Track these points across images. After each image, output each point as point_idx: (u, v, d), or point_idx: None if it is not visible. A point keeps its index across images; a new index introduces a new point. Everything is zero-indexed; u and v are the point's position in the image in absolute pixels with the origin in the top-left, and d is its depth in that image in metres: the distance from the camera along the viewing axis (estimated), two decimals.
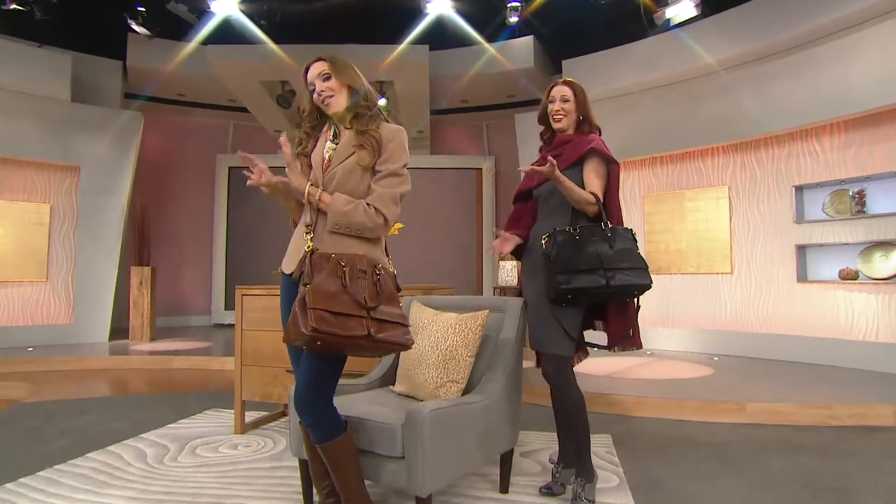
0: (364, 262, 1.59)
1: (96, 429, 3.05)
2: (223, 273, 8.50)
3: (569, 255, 1.93)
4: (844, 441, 2.83)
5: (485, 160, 8.65)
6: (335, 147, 1.71)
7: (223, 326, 8.27)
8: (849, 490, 2.19)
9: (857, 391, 3.62)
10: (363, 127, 1.65)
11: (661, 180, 6.02)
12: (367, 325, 1.50)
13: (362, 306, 1.51)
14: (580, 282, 1.89)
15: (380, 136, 1.65)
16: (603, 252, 1.93)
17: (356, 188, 1.66)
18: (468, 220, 8.70)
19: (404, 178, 1.68)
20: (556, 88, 2.19)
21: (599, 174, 2.08)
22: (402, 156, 1.68)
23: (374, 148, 1.64)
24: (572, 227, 1.97)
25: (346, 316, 1.48)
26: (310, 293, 1.48)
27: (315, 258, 1.56)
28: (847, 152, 4.70)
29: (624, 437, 2.88)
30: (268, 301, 2.91)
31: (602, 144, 2.11)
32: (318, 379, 1.60)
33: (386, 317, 1.56)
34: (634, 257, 1.97)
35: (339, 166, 1.66)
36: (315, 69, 1.70)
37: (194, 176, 8.53)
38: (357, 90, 1.69)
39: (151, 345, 6.11)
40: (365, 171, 1.65)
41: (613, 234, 1.98)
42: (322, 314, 1.45)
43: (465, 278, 8.63)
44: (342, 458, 1.64)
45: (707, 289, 5.61)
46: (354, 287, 1.53)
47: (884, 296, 4.49)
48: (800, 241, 4.97)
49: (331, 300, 1.48)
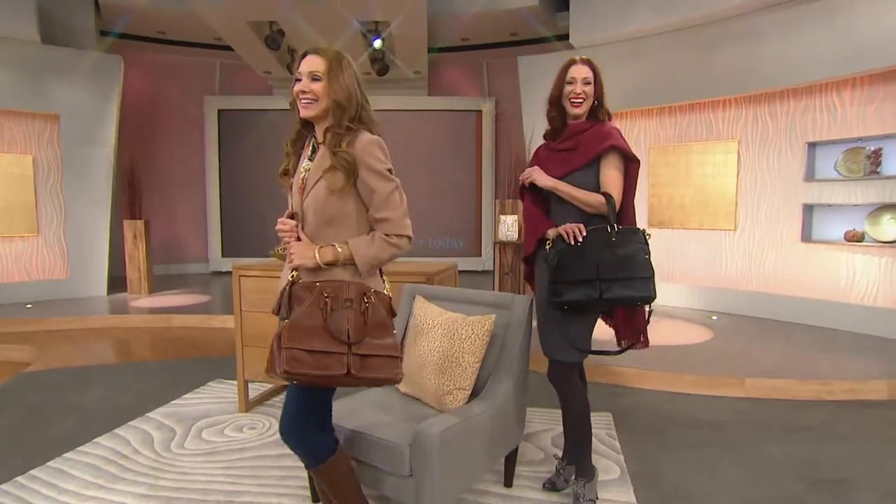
0: (351, 289, 1.45)
1: (102, 406, 3.08)
2: (218, 219, 8.39)
3: (566, 265, 1.86)
4: (839, 421, 2.88)
5: (485, 102, 8.30)
6: (310, 166, 1.55)
7: (221, 274, 8.27)
8: (844, 482, 2.25)
9: (853, 361, 3.66)
10: (335, 147, 1.47)
11: (669, 131, 5.79)
12: (347, 361, 1.40)
13: (343, 342, 1.40)
14: (571, 295, 1.83)
15: (352, 155, 1.46)
16: (603, 259, 1.83)
17: (338, 211, 1.49)
18: (467, 165, 8.48)
19: (398, 186, 1.53)
20: (577, 68, 1.98)
21: (618, 173, 1.95)
22: (383, 167, 1.51)
23: (347, 169, 1.46)
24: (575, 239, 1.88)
25: (323, 353, 1.39)
26: (286, 330, 1.39)
27: (296, 289, 1.45)
28: (868, 108, 4.48)
29: (624, 415, 2.93)
30: (265, 283, 2.84)
31: (622, 138, 1.97)
32: (302, 410, 1.55)
33: (372, 351, 1.44)
34: (638, 265, 1.84)
35: (314, 190, 1.50)
36: (309, 63, 1.49)
37: (182, 120, 8.17)
38: (343, 107, 1.49)
39: (150, 299, 6.11)
40: (342, 192, 1.48)
41: (620, 237, 1.87)
42: (296, 354, 1.36)
43: (464, 226, 8.55)
44: (337, 478, 1.62)
45: (709, 245, 5.55)
46: (337, 320, 1.41)
47: (887, 259, 4.45)
48: (808, 200, 4.86)
49: (307, 337, 1.38)
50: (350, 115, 1.49)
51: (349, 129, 1.49)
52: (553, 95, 2.04)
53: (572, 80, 1.98)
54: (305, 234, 1.53)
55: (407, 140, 8.10)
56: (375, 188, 1.49)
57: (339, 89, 1.48)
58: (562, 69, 2.01)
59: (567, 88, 1.99)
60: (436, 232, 8.37)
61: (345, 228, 1.51)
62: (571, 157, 2.00)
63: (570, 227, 1.90)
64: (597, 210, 1.94)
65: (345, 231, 1.51)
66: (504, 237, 5.94)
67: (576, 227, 1.89)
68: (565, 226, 1.92)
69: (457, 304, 2.25)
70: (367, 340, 1.44)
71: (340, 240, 1.50)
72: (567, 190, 1.96)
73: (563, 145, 2.04)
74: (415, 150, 8.11)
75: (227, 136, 8.26)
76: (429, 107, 8.36)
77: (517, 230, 5.90)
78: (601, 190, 1.95)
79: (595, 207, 1.94)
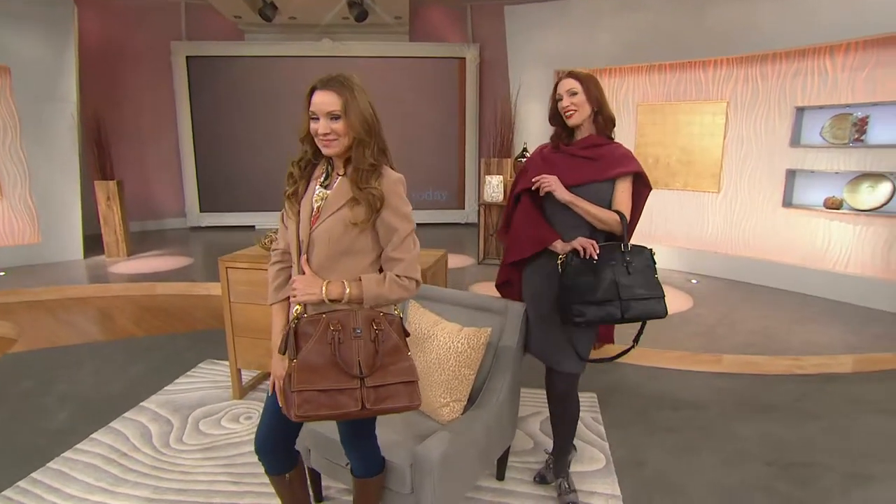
0: (359, 317, 1.42)
1: (93, 394, 3.09)
2: (194, 172, 8.12)
3: (582, 283, 1.85)
4: (808, 397, 3.07)
5: (469, 48, 7.96)
6: (326, 196, 1.49)
7: (200, 230, 8.12)
8: (811, 465, 2.42)
9: (823, 331, 3.85)
10: (364, 183, 1.42)
11: (658, 89, 5.68)
12: (360, 396, 1.38)
13: (354, 376, 1.37)
14: (595, 314, 1.84)
15: (380, 191, 1.43)
16: (620, 280, 1.86)
17: (352, 246, 1.46)
18: (450, 115, 8.25)
19: (414, 229, 1.50)
20: (562, 83, 1.97)
21: (631, 194, 1.97)
22: (407, 208, 1.48)
23: (373, 206, 1.42)
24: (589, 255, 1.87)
25: (335, 391, 1.36)
26: (295, 371, 1.37)
27: (301, 326, 1.41)
28: (859, 74, 4.43)
29: (608, 394, 3.06)
30: (253, 275, 2.80)
31: (640, 164, 1.95)
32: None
33: (386, 380, 1.41)
34: (651, 283, 1.89)
35: (329, 219, 1.45)
36: (324, 102, 1.39)
37: (148, 69, 7.69)
38: (366, 142, 1.42)
39: (130, 263, 5.99)
40: (360, 227, 1.44)
41: (632, 254, 1.90)
42: (307, 396, 1.35)
43: (447, 179, 8.43)
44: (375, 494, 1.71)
45: (692, 207, 5.61)
46: (346, 352, 1.38)
47: (861, 227, 4.57)
48: (792, 165, 4.89)
49: (316, 376, 1.36)
50: (372, 149, 1.44)
51: (374, 166, 1.44)
52: (550, 114, 2.03)
53: (560, 97, 1.96)
54: (310, 267, 1.48)
55: (388, 89, 7.81)
56: (397, 227, 1.45)
57: (357, 124, 1.41)
58: (553, 87, 2.00)
59: (559, 105, 1.98)
60: (419, 185, 8.24)
61: (357, 262, 1.48)
62: (593, 168, 1.96)
63: (585, 242, 1.89)
64: (610, 228, 1.94)
65: (358, 264, 1.48)
66: (489, 198, 5.90)
67: (590, 242, 1.89)
68: (580, 240, 1.90)
69: (451, 306, 2.27)
70: (380, 370, 1.41)
71: (352, 271, 1.47)
72: (584, 206, 1.92)
73: (584, 153, 1.98)
74: (396, 99, 7.83)
75: (197, 84, 7.83)
76: (410, 53, 7.99)
77: (503, 191, 5.86)
78: (613, 208, 1.95)
79: (609, 225, 1.94)
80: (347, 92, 1.39)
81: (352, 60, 7.80)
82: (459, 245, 6.96)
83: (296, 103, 1.57)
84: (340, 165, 1.49)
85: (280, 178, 1.57)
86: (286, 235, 1.56)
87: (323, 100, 1.39)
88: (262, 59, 7.78)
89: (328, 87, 1.39)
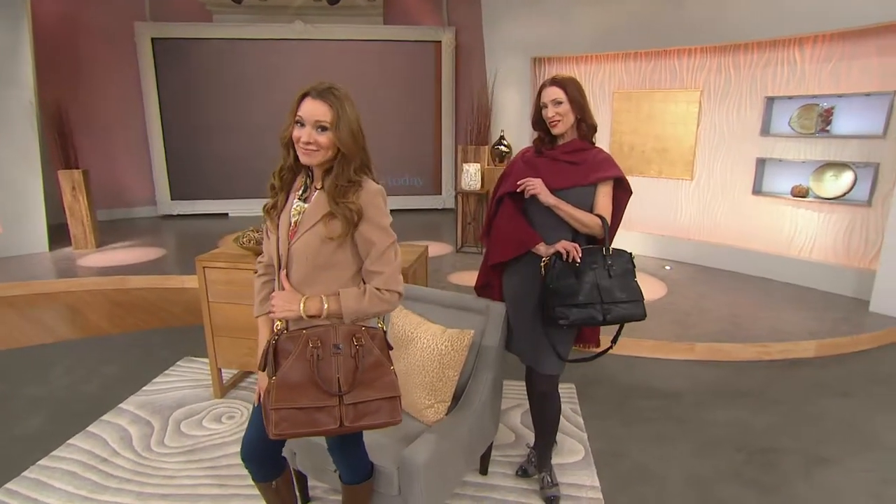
0: (340, 333, 1.40)
1: (67, 396, 3.02)
2: (163, 159, 7.86)
3: (564, 286, 1.89)
4: (773, 383, 3.21)
5: (444, 32, 7.85)
6: (303, 210, 1.46)
7: (171, 218, 7.92)
8: (775, 451, 2.55)
9: (788, 318, 4.01)
10: (340, 197, 1.39)
11: (633, 77, 5.71)
12: (338, 414, 1.38)
13: (332, 394, 1.37)
14: (577, 316, 1.89)
15: (358, 206, 1.40)
16: (602, 283, 1.90)
17: (331, 260, 1.43)
18: (426, 100, 8.16)
19: (395, 241, 1.48)
20: (546, 91, 1.97)
21: (610, 199, 2.01)
22: (386, 220, 1.45)
23: (350, 220, 1.39)
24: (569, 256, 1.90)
25: (312, 409, 1.36)
26: (273, 389, 1.36)
27: (281, 343, 1.40)
28: (825, 66, 4.54)
29: (586, 385, 3.14)
30: (232, 274, 2.76)
31: (620, 170, 1.98)
32: (339, 438, 1.61)
33: (366, 397, 1.41)
34: (631, 287, 1.94)
35: (306, 234, 1.43)
36: (313, 111, 1.36)
37: (111, 52, 7.36)
38: (349, 159, 1.40)
39: (99, 255, 5.82)
40: (338, 241, 1.42)
41: (613, 258, 1.94)
42: (284, 414, 1.35)
43: (423, 165, 8.38)
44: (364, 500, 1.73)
45: (666, 194, 5.72)
46: (325, 369, 1.38)
47: (825, 215, 4.74)
48: (762, 153, 5.01)
49: (294, 394, 1.35)
50: (356, 165, 1.41)
51: (353, 182, 1.41)
52: (533, 119, 2.05)
53: (544, 105, 1.97)
54: (289, 282, 1.47)
55: (362, 72, 7.67)
56: (375, 241, 1.43)
57: (345, 138, 1.38)
58: (537, 93, 2.00)
59: (543, 112, 1.99)
60: (395, 170, 8.18)
61: (337, 276, 1.46)
62: (575, 172, 1.99)
63: (568, 245, 1.92)
64: (592, 231, 1.98)
65: (338, 278, 1.46)
66: (467, 186, 5.89)
67: (573, 246, 1.92)
68: (563, 244, 1.93)
69: (433, 306, 2.28)
70: (360, 386, 1.41)
71: (333, 285, 1.45)
72: (568, 210, 1.95)
73: (567, 157, 2.00)
74: (369, 84, 7.70)
75: (164, 67, 7.55)
76: (384, 37, 7.84)
77: (480, 179, 5.86)
78: (594, 212, 1.99)
79: (591, 228, 1.98)
80: (339, 105, 1.37)
81: (324, 44, 7.62)
82: (437, 232, 6.96)
83: (268, 87, 1.53)
84: (319, 178, 1.46)
85: (253, 163, 1.54)
86: (269, 248, 1.54)
87: (314, 109, 1.37)
88: (232, 42, 7.53)
89: (322, 97, 1.36)
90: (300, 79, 7.96)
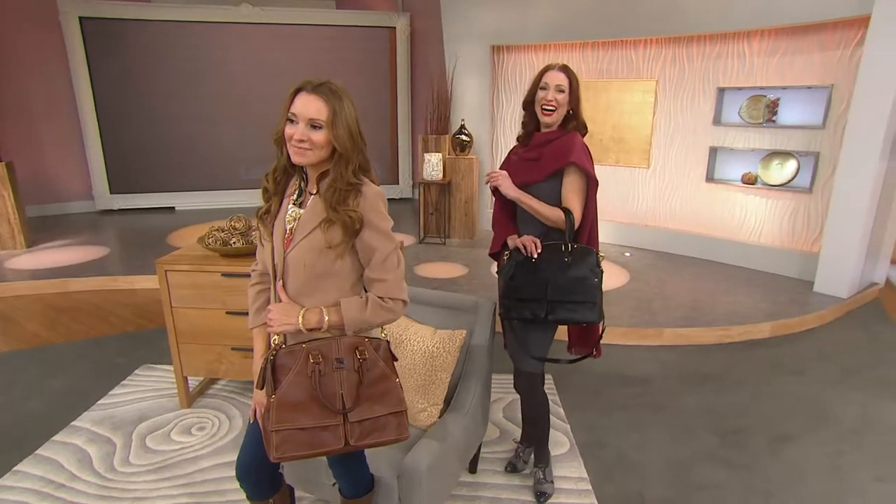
0: (342, 345, 1.33)
1: (8, 417, 2.75)
2: (99, 149, 7.30)
3: (518, 281, 1.90)
4: (736, 365, 3.37)
5: (399, 17, 7.67)
6: (298, 216, 1.37)
7: (111, 213, 7.40)
8: (743, 431, 2.67)
9: (743, 300, 4.22)
10: (340, 203, 1.30)
11: (591, 66, 5.78)
12: (343, 433, 1.30)
13: (336, 411, 1.30)
14: (519, 312, 1.90)
15: (359, 214, 1.31)
16: (553, 280, 1.87)
17: (330, 269, 1.34)
18: (380, 88, 7.97)
19: (397, 247, 1.42)
20: (551, 74, 1.92)
21: (578, 189, 1.95)
22: (388, 225, 1.38)
23: (351, 228, 1.31)
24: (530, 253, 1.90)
25: (317, 429, 1.29)
26: (273, 408, 1.28)
27: (279, 358, 1.31)
28: (771, 59, 4.75)
29: (563, 376, 3.18)
30: (196, 277, 2.59)
31: (584, 156, 1.95)
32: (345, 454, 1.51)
33: (371, 414, 1.34)
34: (587, 289, 1.88)
35: (303, 242, 1.34)
36: (308, 107, 1.27)
37: (33, 32, 6.72)
38: (347, 158, 1.31)
39: (31, 256, 5.36)
40: (337, 250, 1.33)
41: (573, 256, 1.90)
42: (285, 435, 1.27)
43: (379, 155, 8.18)
44: None
45: (624, 182, 5.86)
46: (327, 385, 1.30)
47: (772, 201, 5.00)
48: (714, 143, 5.21)
49: (295, 413, 1.28)
50: (354, 166, 1.32)
51: (352, 185, 1.32)
52: (526, 100, 2.00)
53: (545, 86, 1.93)
54: (286, 293, 1.37)
55: (313, 59, 7.40)
56: (377, 247, 1.35)
57: (343, 137, 1.29)
58: (538, 74, 1.96)
59: (539, 94, 1.94)
60: None
61: (336, 286, 1.37)
62: (534, 169, 1.98)
63: (528, 240, 1.92)
64: (556, 224, 1.95)
65: (338, 288, 1.37)
66: (428, 176, 5.82)
67: (532, 241, 1.90)
68: (523, 238, 1.94)
69: (421, 306, 2.23)
70: (365, 402, 1.34)
71: (332, 295, 1.36)
72: (529, 202, 1.95)
73: (529, 154, 2.01)
74: (321, 71, 7.38)
75: (96, 50, 6.98)
76: (336, 22, 7.57)
77: (442, 169, 5.80)
78: (562, 205, 1.95)
79: (554, 222, 1.95)
80: (336, 101, 1.28)
81: (274, 28, 7.28)
82: (396, 222, 6.77)
83: (214, 73, 1.41)
84: (314, 181, 1.37)
85: (203, 152, 1.43)
86: (263, 257, 1.43)
87: (308, 104, 1.27)
88: (174, 24, 7.06)
89: (317, 92, 1.28)
90: (248, 65, 7.51)
